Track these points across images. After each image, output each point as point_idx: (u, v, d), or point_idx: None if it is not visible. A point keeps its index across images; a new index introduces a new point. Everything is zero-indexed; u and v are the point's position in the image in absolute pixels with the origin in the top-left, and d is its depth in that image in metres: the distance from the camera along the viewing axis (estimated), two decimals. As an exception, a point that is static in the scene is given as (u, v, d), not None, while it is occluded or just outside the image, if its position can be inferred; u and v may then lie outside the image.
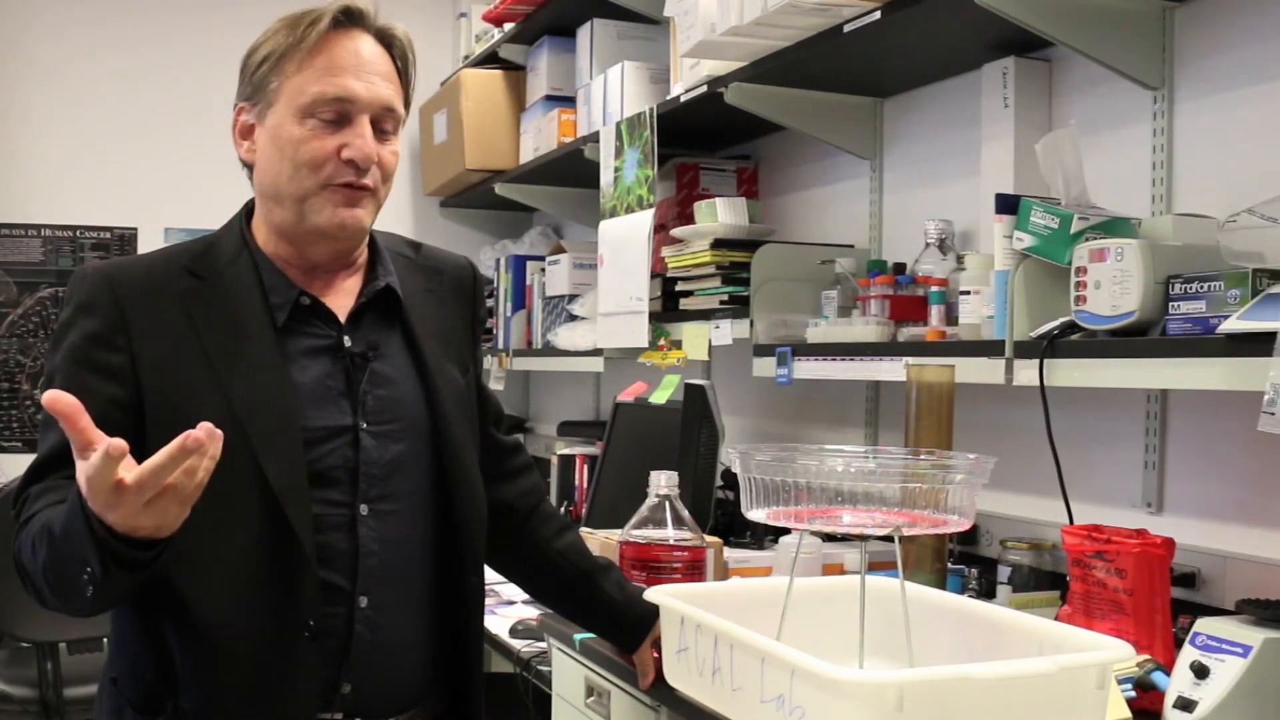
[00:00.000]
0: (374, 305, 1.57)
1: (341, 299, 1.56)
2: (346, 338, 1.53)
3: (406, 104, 1.57)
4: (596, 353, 3.29)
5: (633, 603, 1.78)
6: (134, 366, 1.44)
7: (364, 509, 1.49)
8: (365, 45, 1.51)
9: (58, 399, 1.16)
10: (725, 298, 2.73)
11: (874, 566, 1.76)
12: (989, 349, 1.99)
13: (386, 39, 1.54)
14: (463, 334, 1.70)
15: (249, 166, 1.55)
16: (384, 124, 1.51)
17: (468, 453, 1.61)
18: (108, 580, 1.23)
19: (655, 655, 1.75)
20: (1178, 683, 1.56)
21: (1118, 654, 1.41)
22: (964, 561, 2.29)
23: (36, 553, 1.32)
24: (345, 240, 1.53)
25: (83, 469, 1.17)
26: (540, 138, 3.77)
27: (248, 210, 1.59)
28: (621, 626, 1.80)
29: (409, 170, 4.61)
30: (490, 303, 4.22)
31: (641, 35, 3.46)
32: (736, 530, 2.57)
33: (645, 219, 2.93)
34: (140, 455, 1.31)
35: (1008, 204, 1.99)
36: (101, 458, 1.14)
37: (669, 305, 2.97)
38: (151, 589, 1.38)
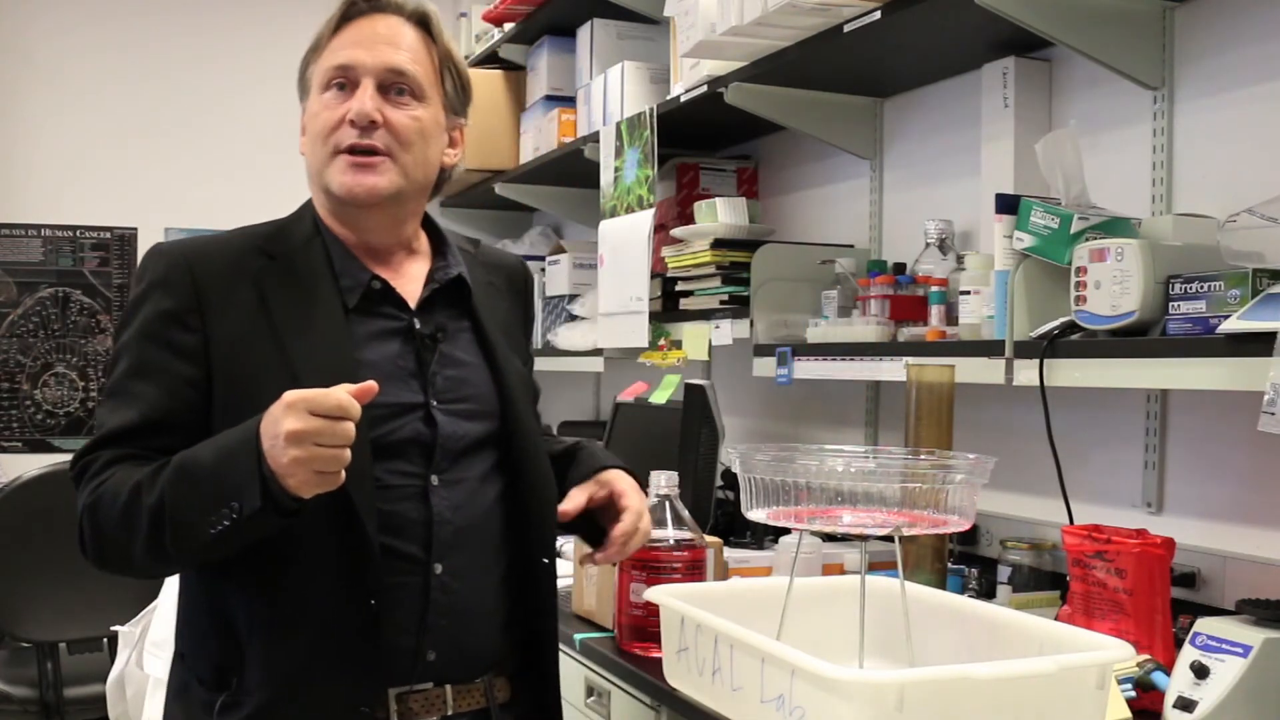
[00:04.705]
0: (443, 293, 1.59)
1: (409, 284, 1.58)
2: (416, 320, 1.55)
3: (453, 77, 1.59)
4: (596, 353, 3.29)
5: (580, 450, 1.72)
6: (206, 346, 1.46)
7: (435, 479, 1.51)
8: (384, 24, 1.54)
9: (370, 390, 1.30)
10: (725, 298, 2.73)
11: (874, 566, 1.76)
12: (989, 349, 1.99)
13: (417, 18, 1.56)
14: (519, 330, 1.72)
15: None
16: (394, 87, 1.52)
17: (536, 437, 1.63)
18: (246, 523, 1.32)
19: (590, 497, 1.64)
20: (1178, 683, 1.56)
21: (1118, 654, 1.41)
22: (964, 561, 2.29)
23: (141, 495, 1.36)
24: (367, 207, 1.53)
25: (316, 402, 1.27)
26: (540, 138, 3.77)
27: None
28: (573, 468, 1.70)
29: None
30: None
31: (641, 35, 3.46)
32: (736, 530, 2.57)
33: (645, 219, 2.93)
34: (205, 435, 1.40)
35: (1008, 204, 1.99)
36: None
37: (669, 305, 2.97)
38: (221, 561, 1.42)
